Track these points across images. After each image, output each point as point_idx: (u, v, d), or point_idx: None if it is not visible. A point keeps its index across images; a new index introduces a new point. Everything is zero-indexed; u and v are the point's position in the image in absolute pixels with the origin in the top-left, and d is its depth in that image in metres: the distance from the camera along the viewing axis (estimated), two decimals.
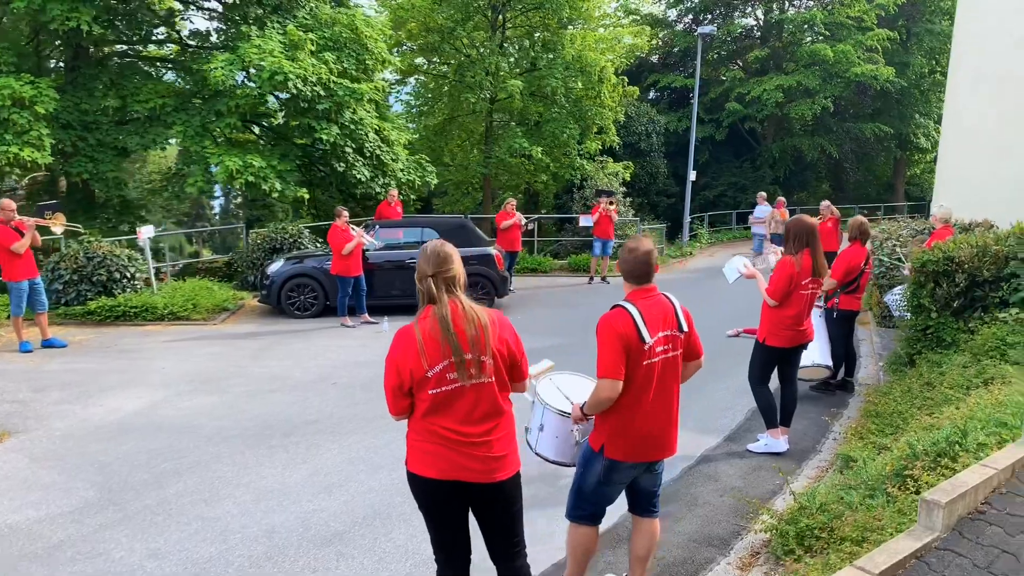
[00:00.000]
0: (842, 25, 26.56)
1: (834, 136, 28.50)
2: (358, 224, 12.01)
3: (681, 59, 29.04)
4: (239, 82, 13.20)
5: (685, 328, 3.51)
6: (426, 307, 2.95)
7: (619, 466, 3.48)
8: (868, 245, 7.33)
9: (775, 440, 5.82)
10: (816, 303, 7.40)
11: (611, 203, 15.25)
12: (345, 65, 14.39)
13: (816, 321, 7.22)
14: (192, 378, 7.95)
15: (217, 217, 45.44)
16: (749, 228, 26.92)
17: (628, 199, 19.15)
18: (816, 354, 7.09)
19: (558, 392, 3.93)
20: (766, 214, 17.33)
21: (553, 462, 3.85)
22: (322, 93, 13.70)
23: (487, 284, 11.71)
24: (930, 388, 6.25)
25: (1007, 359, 5.93)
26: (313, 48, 13.46)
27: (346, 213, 10.62)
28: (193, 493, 5.05)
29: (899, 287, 8.97)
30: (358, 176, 15.17)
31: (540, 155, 18.41)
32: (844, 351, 7.38)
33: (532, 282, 15.74)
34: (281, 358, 8.97)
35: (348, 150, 14.67)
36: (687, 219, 21.69)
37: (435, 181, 16.97)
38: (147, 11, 14.05)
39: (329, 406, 7.04)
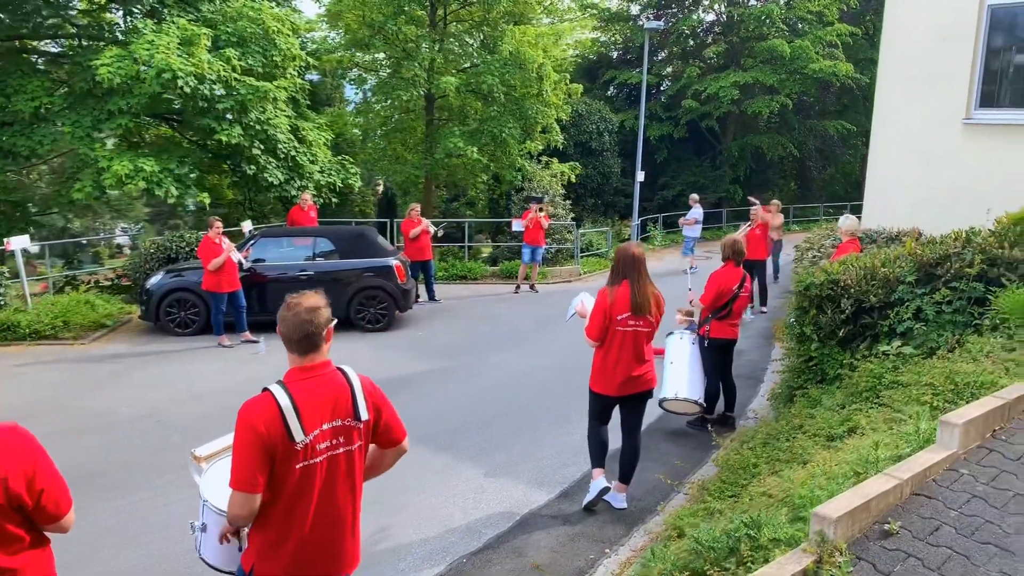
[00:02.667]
0: (802, 20, 25.83)
1: (796, 134, 27.79)
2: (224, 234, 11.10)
3: (640, 55, 28.19)
4: (132, 79, 12.25)
5: (364, 415, 2.71)
6: None
7: None
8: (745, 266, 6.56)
9: (596, 481, 5.04)
10: (684, 330, 6.66)
11: (540, 209, 14.47)
12: (250, 62, 13.50)
13: (689, 349, 6.50)
14: (3, 415, 7.08)
15: (192, 216, 44.37)
16: (709, 228, 26.33)
17: (568, 201, 18.32)
18: (683, 386, 6.35)
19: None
20: (700, 216, 16.64)
21: (220, 570, 3.05)
22: (222, 92, 12.81)
23: (386, 298, 10.88)
24: (798, 433, 5.51)
25: (880, 401, 5.18)
26: (209, 44, 12.55)
27: (219, 224, 9.77)
28: None
29: None
30: (270, 179, 14.29)
31: (476, 155, 17.56)
32: (719, 384, 6.61)
33: (458, 290, 14.93)
34: (125, 387, 8.13)
35: (256, 151, 13.78)
36: (636, 221, 20.95)
37: (358, 183, 16.12)
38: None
39: (132, 452, 6.21)
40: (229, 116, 13.16)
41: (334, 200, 15.87)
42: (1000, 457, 3.43)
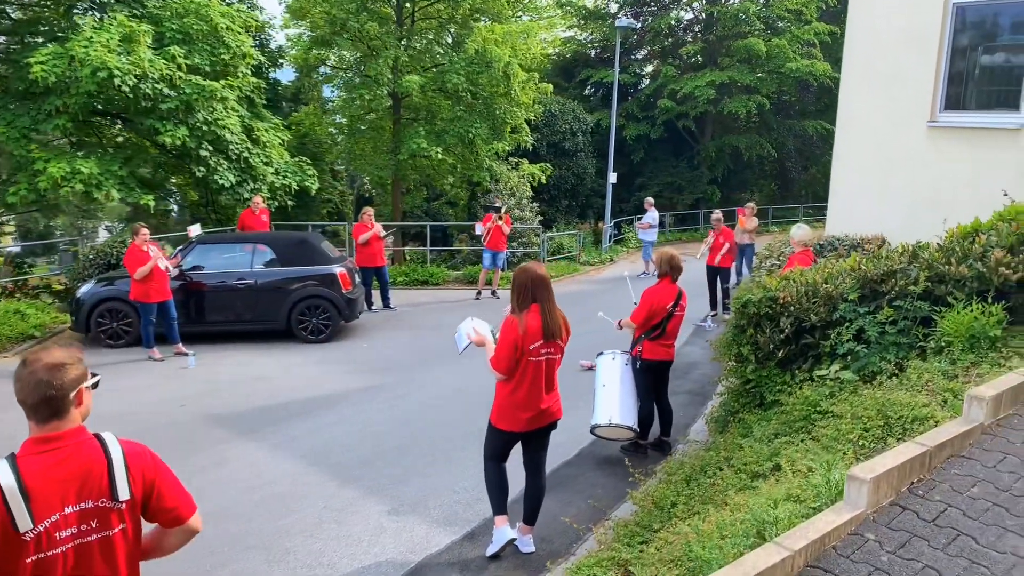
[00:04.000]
0: (781, 18, 25.47)
1: (776, 134, 27.42)
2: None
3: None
4: (69, 78, 11.69)
5: (124, 495, 2.24)
6: None
7: None
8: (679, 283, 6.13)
9: (500, 529, 4.58)
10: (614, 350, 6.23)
11: (500, 217, 14.00)
12: (197, 60, 12.97)
13: (621, 371, 6.07)
14: None
15: (174, 215, 43.59)
16: (687, 230, 25.99)
17: (536, 204, 17.88)
18: (615, 412, 5.92)
19: None
20: (655, 220, 16.18)
21: None
22: (166, 91, 12.29)
23: (329, 307, 10.40)
24: (725, 467, 5.08)
25: (813, 434, 4.76)
26: (150, 41, 12.01)
27: (145, 230, 9.28)
28: None
29: None
30: (221, 181, 13.76)
31: (440, 156, 17.09)
32: (652, 408, 6.18)
33: (418, 296, 14.48)
34: None
35: (205, 153, 13.25)
36: (608, 224, 20.52)
37: (315, 185, 15.60)
38: None
39: None
40: (175, 116, 12.61)
41: (290, 202, 15.35)
42: (913, 518, 3.00)
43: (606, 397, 6.02)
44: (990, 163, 8.62)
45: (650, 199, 16.80)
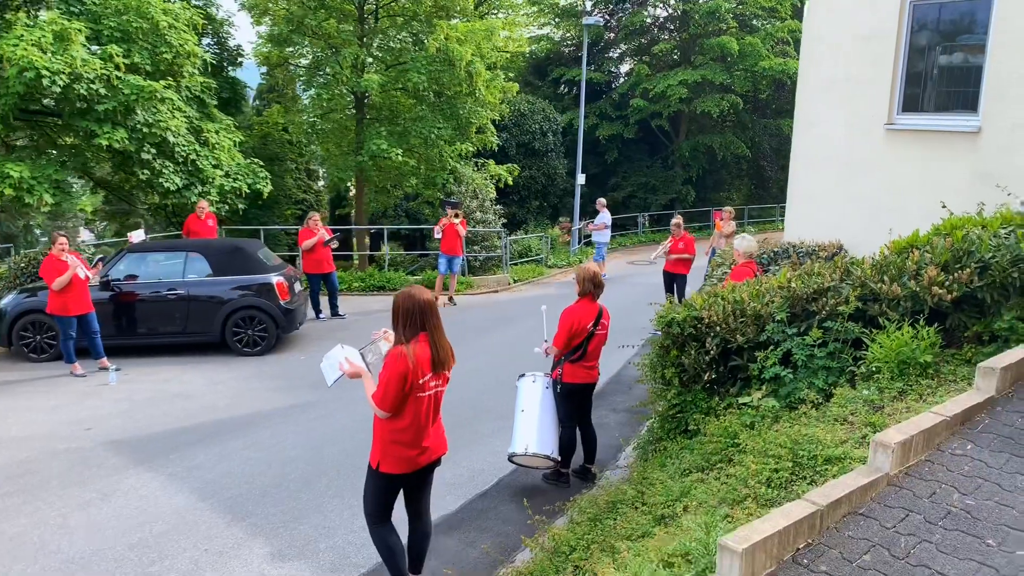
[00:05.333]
0: (755, 16, 25.14)
1: (751, 133, 27.11)
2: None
3: (593, 52, 27.39)
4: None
5: None
6: None
7: None
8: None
9: None
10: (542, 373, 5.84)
11: (456, 215, 13.59)
12: (137, 59, 12.46)
13: (541, 395, 5.68)
14: None
15: (149, 214, 42.95)
16: (661, 231, 25.62)
17: (500, 206, 17.46)
18: (532, 439, 5.54)
19: None
20: (608, 221, 15.84)
21: None
22: (103, 92, 11.77)
23: (265, 319, 9.94)
24: (638, 504, 4.70)
25: (728, 472, 4.38)
26: (84, 40, 11.49)
27: (63, 239, 8.81)
28: None
29: None
30: (167, 185, 13.25)
31: (400, 158, 16.63)
32: (574, 434, 5.79)
33: (371, 304, 14.03)
34: None
35: (147, 156, 12.74)
36: (577, 224, 20.12)
37: (268, 188, 15.08)
38: None
39: None
40: (112, 118, 12.09)
41: (241, 206, 14.84)
42: None
43: (524, 423, 5.64)
44: (948, 167, 8.31)
45: (602, 200, 16.51)
